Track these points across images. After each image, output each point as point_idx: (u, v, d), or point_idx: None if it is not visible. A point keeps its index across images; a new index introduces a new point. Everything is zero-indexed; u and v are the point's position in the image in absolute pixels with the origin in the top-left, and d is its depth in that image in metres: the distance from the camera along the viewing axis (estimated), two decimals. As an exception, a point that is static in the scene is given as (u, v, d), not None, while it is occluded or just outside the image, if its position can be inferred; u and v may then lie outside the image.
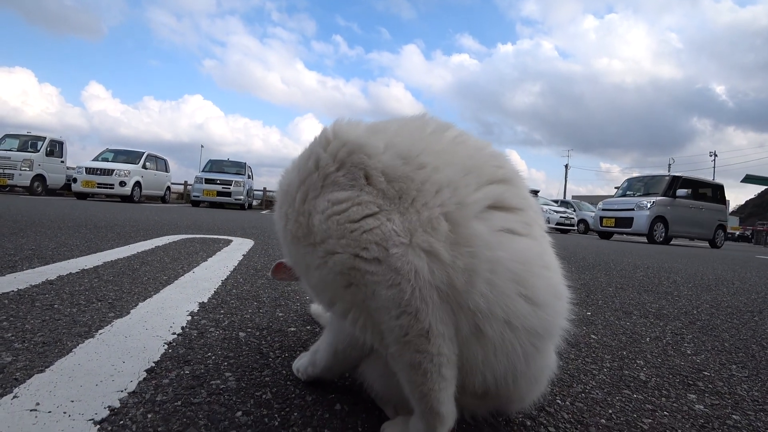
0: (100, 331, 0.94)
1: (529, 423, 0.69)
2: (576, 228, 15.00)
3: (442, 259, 0.48)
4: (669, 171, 32.19)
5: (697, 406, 0.82)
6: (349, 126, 0.60)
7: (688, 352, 1.17)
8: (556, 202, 16.96)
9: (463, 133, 0.60)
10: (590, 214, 16.32)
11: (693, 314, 1.68)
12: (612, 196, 11.26)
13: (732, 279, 3.04)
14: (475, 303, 0.48)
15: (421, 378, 0.49)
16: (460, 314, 0.49)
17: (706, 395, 0.87)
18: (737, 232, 27.68)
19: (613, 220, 10.14)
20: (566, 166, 39.01)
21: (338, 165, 0.55)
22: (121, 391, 0.68)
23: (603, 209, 10.64)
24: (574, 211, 16.01)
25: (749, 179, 24.17)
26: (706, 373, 1.01)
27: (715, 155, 35.79)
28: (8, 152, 10.40)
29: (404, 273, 0.48)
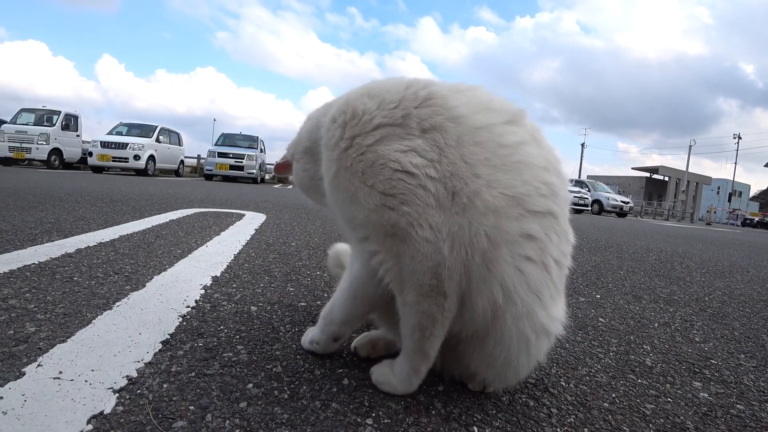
0: (117, 304, 0.98)
1: (532, 404, 0.71)
2: (590, 209, 14.80)
3: (470, 269, 0.58)
4: (689, 154, 31.05)
5: (701, 394, 0.82)
6: (441, 96, 0.62)
7: (697, 339, 1.16)
8: (570, 181, 16.65)
9: (533, 154, 0.61)
10: (605, 194, 16.00)
11: (704, 301, 1.66)
12: None
13: (747, 266, 2.99)
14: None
15: (430, 324, 0.61)
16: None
17: (712, 383, 0.87)
18: (756, 218, 26.90)
19: None
20: (582, 145, 38.06)
21: (421, 131, 0.59)
22: (138, 362, 0.71)
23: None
24: (589, 191, 15.76)
25: (774, 163, 23.30)
26: (713, 361, 1.01)
27: (739, 138, 34.38)
28: (25, 126, 10.53)
29: (448, 260, 0.57)
